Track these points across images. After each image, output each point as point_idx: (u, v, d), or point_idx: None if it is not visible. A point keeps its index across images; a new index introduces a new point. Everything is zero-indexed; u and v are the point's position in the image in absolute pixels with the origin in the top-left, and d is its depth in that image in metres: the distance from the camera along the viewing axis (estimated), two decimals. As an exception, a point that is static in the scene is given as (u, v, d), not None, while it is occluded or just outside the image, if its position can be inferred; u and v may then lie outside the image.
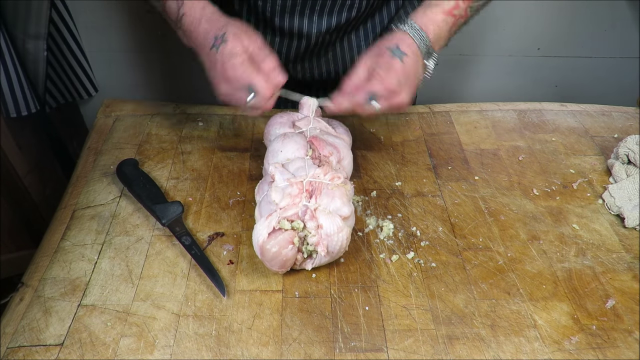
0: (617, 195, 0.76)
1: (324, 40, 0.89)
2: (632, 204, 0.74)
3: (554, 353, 0.58)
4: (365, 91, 0.69)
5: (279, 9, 0.84)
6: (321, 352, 0.58)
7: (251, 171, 0.82)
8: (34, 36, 1.25)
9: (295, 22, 0.85)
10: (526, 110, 0.97)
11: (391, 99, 0.70)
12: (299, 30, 0.86)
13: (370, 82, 0.69)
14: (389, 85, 0.69)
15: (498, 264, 0.68)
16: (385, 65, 0.69)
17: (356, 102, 0.70)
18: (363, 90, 0.69)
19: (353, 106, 0.71)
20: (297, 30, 0.86)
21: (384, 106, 0.70)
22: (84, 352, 0.57)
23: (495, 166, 0.84)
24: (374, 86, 0.69)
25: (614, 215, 0.75)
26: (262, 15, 0.86)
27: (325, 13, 0.84)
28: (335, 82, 0.93)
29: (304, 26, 0.85)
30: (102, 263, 0.67)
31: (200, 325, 0.60)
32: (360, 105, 0.70)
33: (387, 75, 0.69)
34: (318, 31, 0.86)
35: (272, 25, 0.87)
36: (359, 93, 0.70)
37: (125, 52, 1.55)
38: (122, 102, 0.97)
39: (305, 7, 0.83)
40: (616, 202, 0.76)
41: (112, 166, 0.82)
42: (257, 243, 0.62)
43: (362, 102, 0.70)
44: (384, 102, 0.70)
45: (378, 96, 0.69)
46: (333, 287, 0.65)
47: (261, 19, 0.88)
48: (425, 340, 0.59)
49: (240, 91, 0.68)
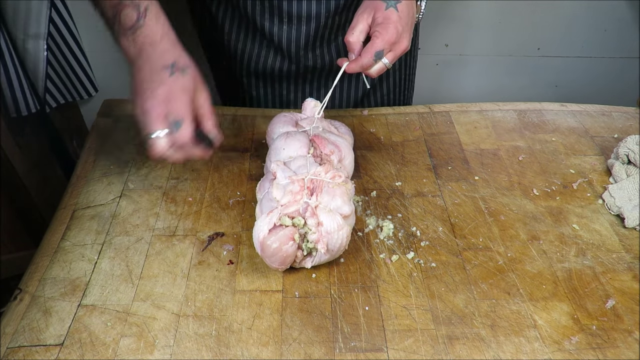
0: (617, 195, 0.76)
1: (334, 22, 0.90)
2: (632, 204, 0.74)
3: (554, 353, 0.58)
4: (371, 53, 0.71)
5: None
6: (321, 352, 0.58)
7: (251, 171, 0.82)
8: (34, 36, 1.25)
9: (303, 4, 0.87)
10: (526, 110, 0.97)
11: (395, 50, 0.72)
12: (307, 12, 0.88)
13: (373, 42, 0.71)
14: (390, 39, 0.71)
15: (498, 264, 0.68)
16: (383, 20, 0.71)
17: (365, 65, 0.72)
18: (368, 52, 0.71)
19: (363, 69, 0.73)
20: (306, 12, 0.88)
21: (391, 58, 0.72)
22: (84, 352, 0.57)
23: (495, 166, 0.84)
24: (377, 45, 0.71)
25: (614, 215, 0.75)
26: (269, 2, 0.87)
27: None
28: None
29: (312, 7, 0.87)
30: (102, 263, 0.67)
31: (200, 325, 0.60)
32: (370, 67, 0.72)
33: (387, 30, 0.71)
34: (327, 11, 0.88)
35: (280, 11, 0.88)
36: (365, 55, 0.71)
37: (125, 52, 1.55)
38: (122, 102, 0.97)
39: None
40: (616, 202, 0.76)
41: (112, 166, 0.82)
42: (258, 239, 0.62)
43: (370, 63, 0.72)
44: (390, 55, 0.72)
45: (384, 53, 0.72)
46: (333, 287, 0.65)
47: (267, 6, 0.89)
48: (425, 340, 0.59)
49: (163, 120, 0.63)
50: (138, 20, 0.68)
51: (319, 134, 0.74)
